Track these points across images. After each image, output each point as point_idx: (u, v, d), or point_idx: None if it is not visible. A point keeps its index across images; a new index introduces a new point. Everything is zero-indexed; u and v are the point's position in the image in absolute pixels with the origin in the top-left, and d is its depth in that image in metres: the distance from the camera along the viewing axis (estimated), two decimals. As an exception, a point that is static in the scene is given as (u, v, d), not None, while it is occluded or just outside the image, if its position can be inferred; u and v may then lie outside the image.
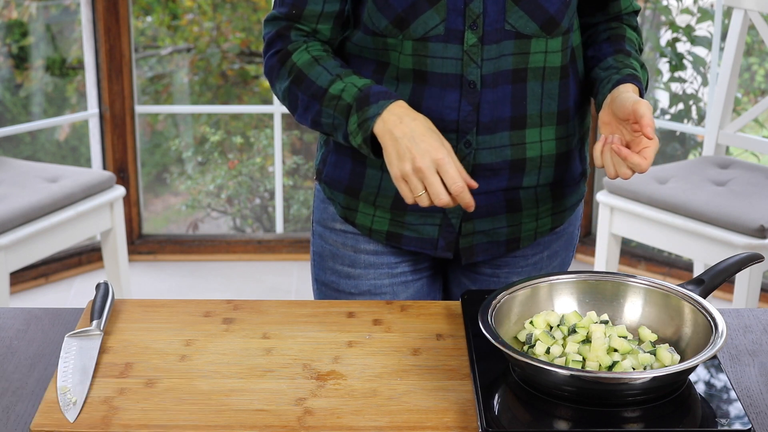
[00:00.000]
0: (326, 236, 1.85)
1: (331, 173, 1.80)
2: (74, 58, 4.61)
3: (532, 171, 1.72)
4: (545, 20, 1.65)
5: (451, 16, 1.63)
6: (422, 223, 1.76)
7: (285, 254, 4.23)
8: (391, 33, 1.66)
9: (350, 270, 1.83)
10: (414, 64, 1.66)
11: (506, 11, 1.63)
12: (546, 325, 1.50)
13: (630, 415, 1.34)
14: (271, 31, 1.72)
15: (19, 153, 4.64)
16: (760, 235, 2.98)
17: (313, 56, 1.68)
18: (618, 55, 1.73)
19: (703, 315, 1.46)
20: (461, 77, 1.65)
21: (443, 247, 1.78)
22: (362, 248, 1.82)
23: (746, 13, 3.41)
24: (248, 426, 1.37)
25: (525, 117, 1.69)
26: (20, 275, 3.91)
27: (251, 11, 4.80)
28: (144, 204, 4.33)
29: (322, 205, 1.85)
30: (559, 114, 1.72)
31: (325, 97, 1.64)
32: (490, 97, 1.66)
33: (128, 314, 1.66)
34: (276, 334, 1.60)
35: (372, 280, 1.82)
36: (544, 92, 1.69)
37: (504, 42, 1.64)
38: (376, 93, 1.61)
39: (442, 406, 1.42)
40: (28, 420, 1.41)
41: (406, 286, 1.84)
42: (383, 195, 1.75)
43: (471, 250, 1.78)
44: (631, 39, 1.78)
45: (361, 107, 1.60)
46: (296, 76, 1.68)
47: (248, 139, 4.79)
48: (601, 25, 1.80)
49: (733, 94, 3.46)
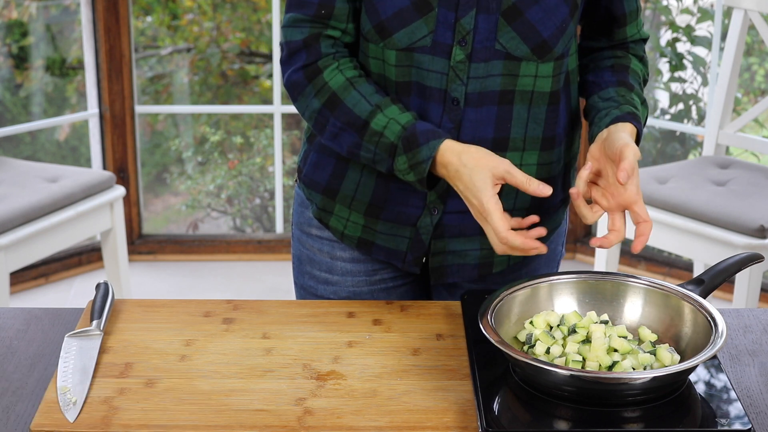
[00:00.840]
0: (303, 240, 1.82)
1: (311, 173, 1.76)
2: (74, 58, 4.61)
3: (508, 195, 1.66)
4: (537, 44, 1.60)
5: (440, 29, 1.58)
6: (393, 234, 1.72)
7: (285, 254, 4.22)
8: (372, 39, 1.61)
9: (328, 276, 1.80)
10: (397, 75, 1.62)
11: (498, 30, 1.58)
12: (546, 325, 1.50)
13: (630, 415, 1.34)
14: (296, 40, 1.63)
15: (19, 153, 4.65)
16: (760, 235, 2.98)
17: (348, 78, 1.61)
18: (620, 88, 1.67)
19: (703, 315, 1.46)
20: (445, 93, 1.61)
21: (410, 261, 1.73)
22: (338, 255, 1.78)
23: (746, 13, 3.40)
24: (248, 426, 1.37)
25: (507, 140, 1.64)
26: (20, 275, 3.91)
27: (251, 11, 4.81)
28: (144, 204, 4.33)
29: (300, 209, 1.81)
30: (544, 140, 1.66)
31: (366, 132, 1.59)
32: (472, 116, 1.62)
33: (128, 314, 1.66)
34: (276, 334, 1.60)
35: (351, 287, 1.79)
36: (530, 116, 1.64)
37: (493, 61, 1.59)
38: (424, 132, 1.56)
39: (442, 406, 1.42)
40: (28, 420, 1.41)
41: (387, 293, 1.80)
42: (359, 199, 1.71)
43: (441, 270, 1.73)
44: (636, 71, 1.71)
45: (409, 148, 1.56)
46: (329, 100, 1.61)
47: (248, 139, 4.79)
48: (606, 51, 1.74)
49: (733, 94, 3.46)
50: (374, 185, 1.69)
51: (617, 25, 1.72)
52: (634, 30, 1.74)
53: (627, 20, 1.72)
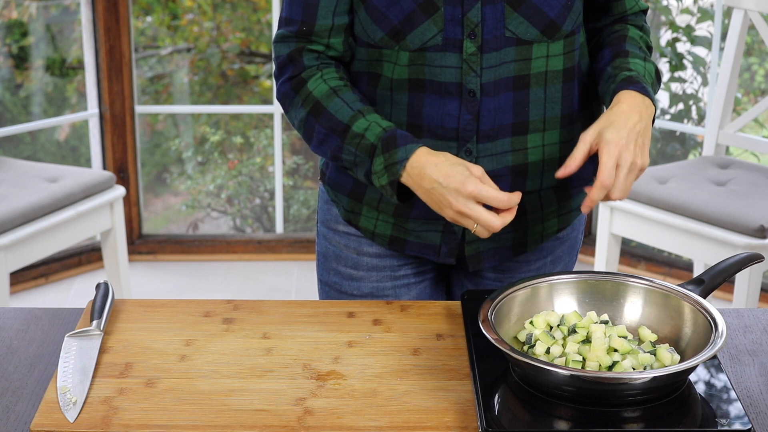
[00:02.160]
0: (330, 237, 1.84)
1: (334, 177, 1.79)
2: (74, 58, 4.61)
3: (534, 175, 1.70)
4: (546, 25, 1.63)
5: (449, 26, 1.61)
6: (425, 230, 1.75)
7: (285, 254, 4.23)
8: (387, 44, 1.64)
9: (353, 272, 1.82)
10: (410, 74, 1.64)
11: (506, 18, 1.61)
12: (546, 325, 1.50)
13: (630, 415, 1.34)
14: (282, 55, 1.69)
15: (19, 153, 4.64)
16: (760, 235, 2.98)
17: (331, 87, 1.65)
18: (615, 61, 1.69)
19: (703, 315, 1.46)
20: (461, 86, 1.64)
21: (446, 253, 1.76)
22: (365, 251, 1.81)
23: (746, 13, 3.40)
24: (248, 426, 1.37)
25: (527, 123, 1.67)
26: (20, 275, 3.91)
27: (251, 11, 4.80)
28: (144, 204, 4.33)
29: (325, 206, 1.84)
30: (563, 118, 1.70)
31: (348, 134, 1.62)
32: (490, 105, 1.65)
33: (128, 314, 1.66)
34: (276, 334, 1.60)
35: (375, 283, 1.82)
36: (547, 97, 1.67)
37: (505, 49, 1.62)
38: (402, 136, 1.59)
39: (442, 406, 1.42)
40: (28, 420, 1.41)
41: (408, 289, 1.83)
42: (386, 201, 1.74)
43: (478, 257, 1.76)
44: (633, 37, 1.73)
45: (387, 149, 1.59)
46: (314, 108, 1.66)
47: (248, 139, 4.79)
48: (606, 29, 1.76)
49: (733, 94, 3.46)
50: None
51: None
52: (632, 2, 1.76)
53: None
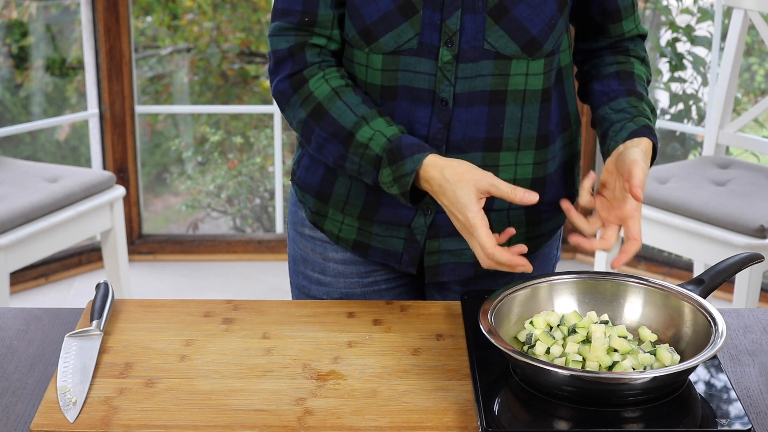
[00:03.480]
0: (298, 241, 1.81)
1: (303, 176, 1.76)
2: (74, 58, 4.61)
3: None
4: (527, 41, 1.59)
5: (426, 31, 1.58)
6: (388, 236, 1.71)
7: (285, 254, 4.22)
8: (357, 44, 1.61)
9: (321, 277, 1.80)
10: (383, 80, 1.61)
11: (486, 30, 1.57)
12: (546, 325, 1.50)
13: (630, 415, 1.34)
14: (281, 49, 1.62)
15: (19, 153, 4.64)
16: (760, 235, 2.98)
17: (333, 88, 1.60)
18: (631, 98, 1.66)
19: (703, 315, 1.46)
20: (433, 93, 1.60)
21: (407, 261, 1.72)
22: (330, 256, 1.78)
23: (746, 13, 3.40)
24: (248, 426, 1.37)
25: (501, 140, 1.63)
26: (20, 275, 3.91)
27: (251, 11, 4.81)
28: (144, 204, 4.33)
29: (294, 208, 1.81)
30: (539, 138, 1.66)
31: (352, 144, 1.58)
32: (462, 117, 1.61)
33: (128, 314, 1.66)
34: (276, 334, 1.60)
35: (343, 289, 1.79)
36: (523, 116, 1.63)
37: (482, 61, 1.59)
38: (409, 145, 1.55)
39: (442, 406, 1.42)
40: (28, 420, 1.41)
41: (380, 295, 1.80)
42: (352, 204, 1.71)
43: (436, 269, 1.73)
44: (640, 75, 1.70)
45: (394, 161, 1.55)
46: (315, 110, 1.61)
47: (248, 139, 4.79)
48: (607, 56, 1.73)
49: (733, 94, 3.46)
50: (366, 189, 1.69)
51: (612, 20, 1.71)
52: (631, 25, 1.72)
53: (622, 15, 1.70)
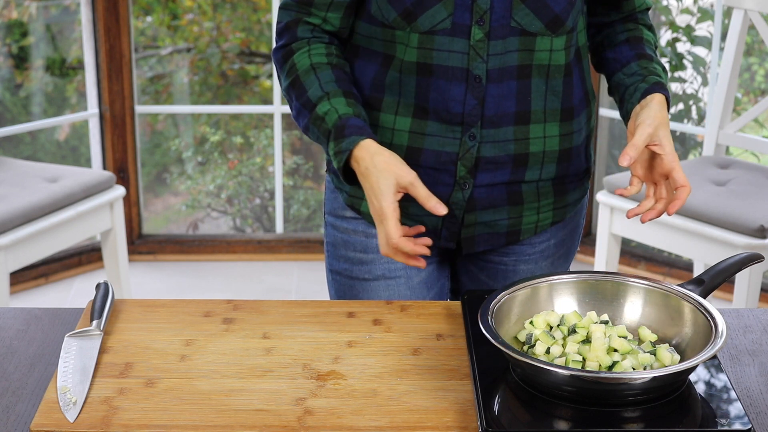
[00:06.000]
0: (337, 225, 1.87)
1: None
2: (74, 58, 4.61)
3: (534, 166, 1.75)
4: (551, 19, 1.68)
5: (459, 11, 1.66)
6: (426, 214, 1.77)
7: (285, 254, 4.23)
8: (399, 25, 1.69)
9: (362, 256, 1.85)
10: (419, 57, 1.69)
11: (512, 8, 1.66)
12: (546, 325, 1.50)
13: (630, 415, 1.34)
14: (282, 22, 1.75)
15: (19, 153, 4.64)
16: (760, 235, 2.98)
17: (312, 63, 1.71)
18: (641, 60, 1.76)
19: (703, 315, 1.46)
20: (467, 71, 1.68)
21: (446, 237, 1.80)
22: (373, 233, 1.83)
23: (746, 13, 3.41)
24: (248, 426, 1.37)
25: (529, 113, 1.72)
26: (20, 275, 3.91)
27: (251, 11, 4.80)
28: (144, 204, 4.33)
29: (332, 195, 1.88)
30: (563, 111, 1.74)
31: (312, 115, 1.69)
32: (495, 92, 1.69)
33: (128, 314, 1.66)
34: (276, 334, 1.60)
35: (385, 264, 1.84)
36: (548, 89, 1.72)
37: (509, 38, 1.67)
38: (351, 126, 1.65)
39: (442, 406, 1.42)
40: (28, 420, 1.41)
41: (418, 270, 1.85)
42: None
43: (471, 240, 1.80)
44: (649, 40, 1.81)
45: (337, 137, 1.65)
46: (294, 81, 1.72)
47: (248, 139, 4.79)
48: (618, 25, 1.83)
49: (733, 94, 3.46)
50: None
51: None
52: (640, 0, 1.83)
53: None
